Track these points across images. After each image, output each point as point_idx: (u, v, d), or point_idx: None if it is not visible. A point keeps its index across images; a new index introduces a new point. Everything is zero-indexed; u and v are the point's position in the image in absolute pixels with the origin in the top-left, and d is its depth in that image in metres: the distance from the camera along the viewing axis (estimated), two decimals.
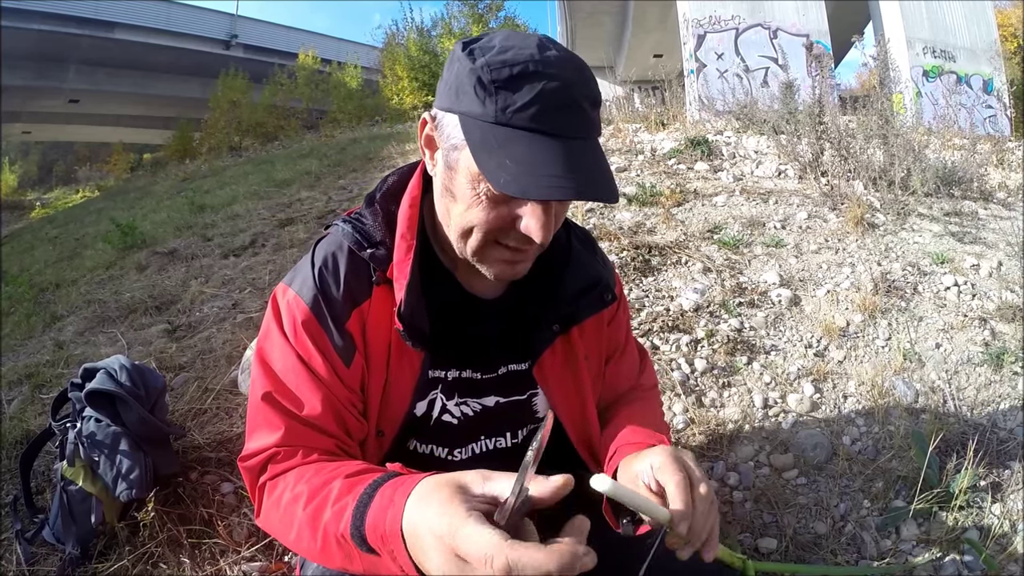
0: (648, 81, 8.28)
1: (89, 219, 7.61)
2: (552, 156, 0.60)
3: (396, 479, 0.59)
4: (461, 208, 0.68)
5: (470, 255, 0.71)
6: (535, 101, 0.60)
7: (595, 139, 0.66)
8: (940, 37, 9.24)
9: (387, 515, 0.54)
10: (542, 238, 0.65)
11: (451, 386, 0.83)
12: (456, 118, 0.65)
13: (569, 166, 0.60)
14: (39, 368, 2.42)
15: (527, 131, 0.61)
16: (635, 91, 9.61)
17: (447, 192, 0.70)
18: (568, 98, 0.62)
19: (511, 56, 0.61)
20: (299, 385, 0.73)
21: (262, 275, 3.23)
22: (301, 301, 0.75)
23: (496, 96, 0.61)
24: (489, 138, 0.62)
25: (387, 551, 0.54)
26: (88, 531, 1.37)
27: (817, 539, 1.42)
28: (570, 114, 0.62)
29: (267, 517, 0.71)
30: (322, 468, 0.67)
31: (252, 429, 0.74)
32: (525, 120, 0.61)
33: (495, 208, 0.66)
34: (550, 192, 0.60)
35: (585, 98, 0.64)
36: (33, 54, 16.57)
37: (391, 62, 14.50)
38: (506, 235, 0.68)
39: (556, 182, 0.59)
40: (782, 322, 2.21)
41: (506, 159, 0.60)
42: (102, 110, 21.98)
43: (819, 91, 4.23)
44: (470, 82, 0.62)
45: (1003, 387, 1.87)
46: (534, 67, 0.61)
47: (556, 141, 0.61)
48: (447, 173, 0.69)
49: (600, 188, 0.63)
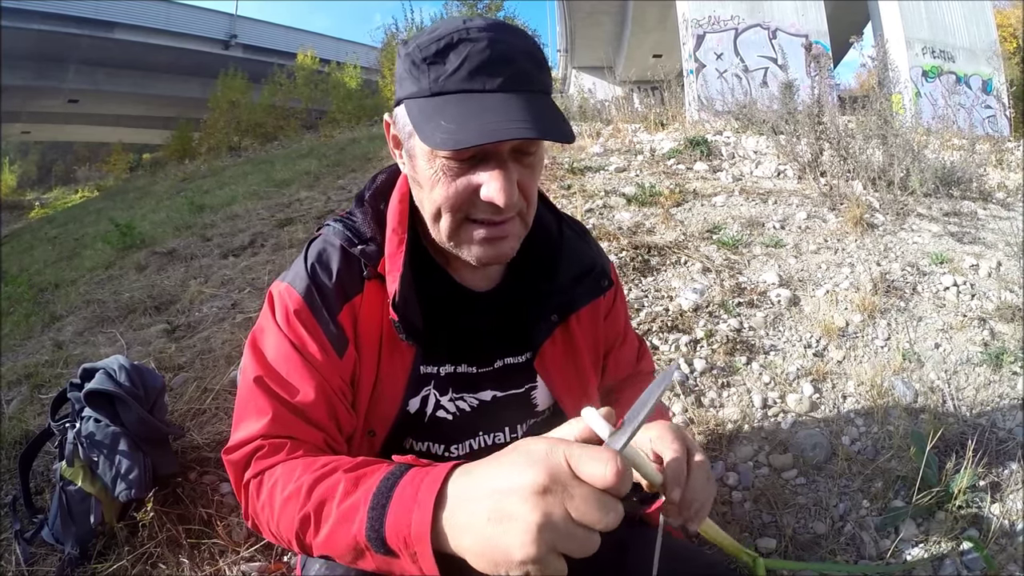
0: (647, 81, 8.29)
1: (88, 219, 7.61)
2: (488, 106, 0.61)
3: (413, 474, 0.55)
4: (427, 191, 0.69)
5: (447, 239, 0.71)
6: (463, 64, 0.62)
7: (538, 93, 0.66)
8: (939, 37, 9.24)
9: (412, 516, 0.50)
10: (504, 200, 0.64)
11: (444, 381, 0.83)
12: (403, 107, 0.68)
13: (509, 114, 0.61)
14: (38, 368, 2.42)
15: (459, 92, 0.63)
16: (634, 91, 9.62)
17: (415, 183, 0.72)
18: (496, 55, 0.63)
19: (437, 33, 0.64)
20: (291, 371, 0.72)
21: (261, 275, 3.22)
22: (294, 291, 0.75)
23: (428, 70, 0.64)
24: (426, 109, 0.64)
25: (408, 553, 0.51)
26: (87, 531, 1.37)
27: (816, 539, 1.42)
28: (502, 68, 0.63)
29: (258, 517, 0.69)
30: (312, 463, 0.65)
31: (240, 417, 0.73)
32: (456, 83, 0.63)
33: (453, 181, 0.66)
34: (485, 135, 0.60)
35: (519, 53, 0.64)
36: (33, 54, 16.55)
37: (390, 62, 14.48)
38: (473, 207, 0.68)
39: (493, 126, 0.60)
40: (781, 322, 2.22)
41: (442, 120, 0.62)
42: (102, 110, 21.96)
43: (818, 91, 4.24)
44: (405, 67, 0.66)
45: (1002, 387, 1.87)
46: (459, 36, 0.63)
47: (491, 95, 0.62)
48: (410, 164, 0.71)
49: (544, 127, 0.62)
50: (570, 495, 0.44)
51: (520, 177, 0.68)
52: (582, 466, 0.45)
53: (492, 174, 0.65)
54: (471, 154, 0.65)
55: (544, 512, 0.44)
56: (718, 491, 1.58)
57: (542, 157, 0.72)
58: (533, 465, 0.45)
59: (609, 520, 0.44)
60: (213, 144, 14.28)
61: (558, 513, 0.44)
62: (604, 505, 0.44)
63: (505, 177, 0.65)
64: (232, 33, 19.87)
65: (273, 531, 0.67)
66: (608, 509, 0.44)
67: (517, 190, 0.67)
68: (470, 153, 0.64)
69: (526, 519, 0.44)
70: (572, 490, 0.44)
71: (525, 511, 0.44)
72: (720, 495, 1.58)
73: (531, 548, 0.43)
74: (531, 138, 0.62)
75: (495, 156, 0.65)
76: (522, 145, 0.66)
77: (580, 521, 0.44)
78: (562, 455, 0.45)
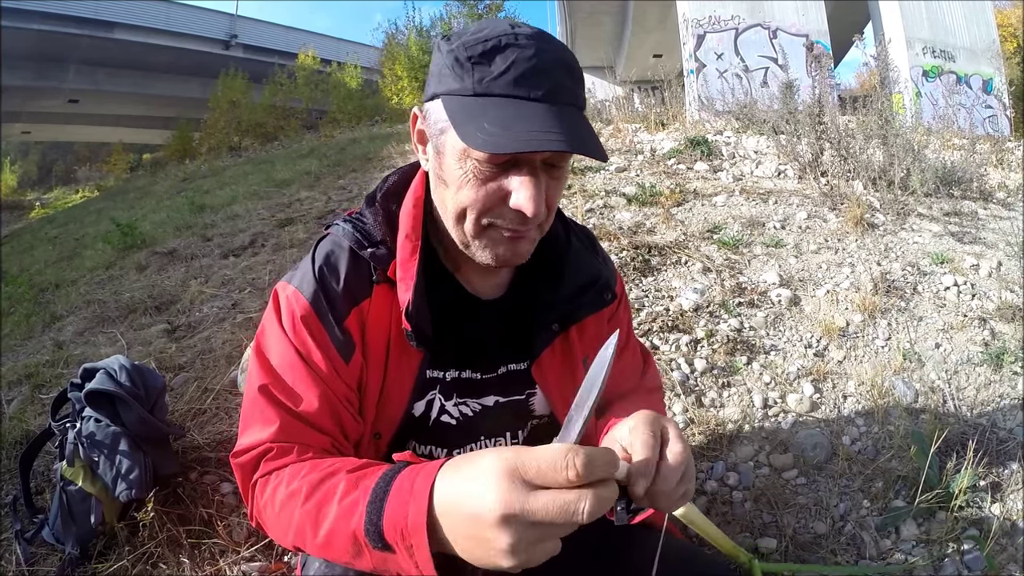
0: (648, 81, 8.27)
1: (89, 219, 7.61)
2: (530, 114, 0.61)
3: (410, 469, 0.56)
4: (452, 191, 0.68)
5: (469, 240, 0.71)
6: (510, 69, 0.62)
7: (577, 108, 0.66)
8: (940, 37, 9.24)
9: (408, 508, 0.52)
10: (533, 209, 0.64)
11: (450, 386, 0.82)
12: (439, 102, 0.67)
13: (548, 124, 0.61)
14: (39, 368, 2.42)
15: (504, 97, 0.62)
16: (635, 91, 9.61)
17: (439, 180, 0.71)
18: (543, 64, 0.63)
19: (484, 34, 0.64)
20: (296, 380, 0.72)
21: (262, 275, 3.22)
22: (301, 296, 0.75)
23: (473, 70, 0.63)
24: (468, 108, 0.63)
25: (405, 546, 0.52)
26: (88, 531, 1.37)
27: (817, 539, 1.42)
28: (546, 79, 0.63)
29: (262, 516, 0.70)
30: (318, 464, 0.66)
31: (246, 423, 0.73)
32: (501, 87, 0.62)
33: (484, 185, 0.66)
34: (527, 144, 0.60)
35: (561, 66, 0.65)
36: (33, 54, 16.55)
37: (391, 62, 14.50)
38: (499, 214, 0.68)
39: (535, 136, 0.60)
40: (782, 322, 2.21)
41: (484, 123, 0.61)
42: (102, 110, 21.96)
43: (819, 91, 4.24)
44: (448, 63, 0.65)
45: (1003, 387, 1.87)
46: (506, 40, 0.63)
47: (534, 103, 0.62)
48: (437, 160, 0.70)
49: (585, 144, 0.62)
50: (532, 510, 0.45)
51: (547, 188, 0.68)
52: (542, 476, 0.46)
53: (523, 182, 0.64)
54: (505, 159, 0.65)
55: (511, 535, 0.45)
56: (718, 491, 1.58)
57: (568, 171, 0.72)
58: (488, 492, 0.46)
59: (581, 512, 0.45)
60: (213, 144, 14.29)
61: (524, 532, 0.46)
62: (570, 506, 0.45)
63: (536, 186, 0.65)
64: (232, 33, 19.87)
65: (275, 529, 0.68)
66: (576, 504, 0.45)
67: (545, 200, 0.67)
68: (505, 159, 0.64)
69: (497, 544, 0.46)
70: (532, 504, 0.45)
71: (494, 536, 0.46)
72: (720, 495, 1.58)
73: (512, 561, 0.46)
74: (571, 152, 0.62)
75: (528, 164, 0.65)
76: (554, 157, 0.66)
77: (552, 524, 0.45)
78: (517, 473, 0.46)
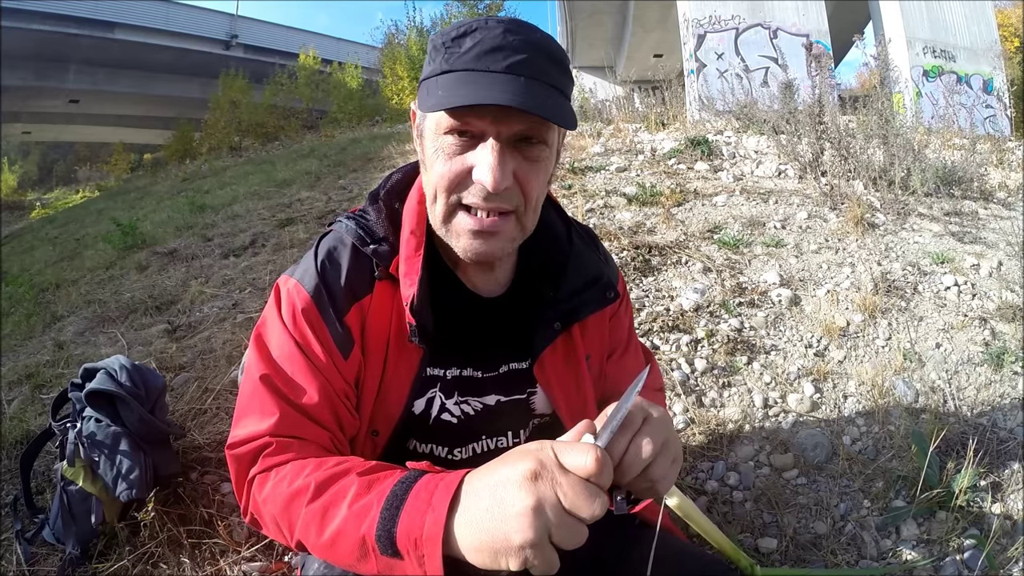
0: (648, 81, 8.27)
1: (89, 219, 7.61)
2: (484, 81, 0.63)
3: (429, 478, 0.56)
4: (427, 172, 0.70)
5: (440, 224, 0.72)
6: (475, 47, 0.64)
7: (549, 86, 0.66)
8: (940, 37, 9.24)
9: (426, 518, 0.52)
10: (492, 182, 0.64)
11: (451, 385, 0.82)
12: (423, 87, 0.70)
13: (503, 89, 0.62)
14: (39, 368, 2.42)
15: (466, 70, 0.64)
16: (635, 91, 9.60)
17: (423, 166, 0.73)
18: (506, 42, 0.64)
19: (461, 22, 0.67)
20: (296, 372, 0.72)
21: (262, 275, 3.23)
22: (302, 289, 0.75)
23: (445, 52, 0.66)
24: (432, 84, 0.67)
25: (416, 556, 0.53)
26: (88, 531, 1.37)
27: (817, 539, 1.42)
28: (510, 54, 0.64)
29: (259, 511, 0.69)
30: (324, 462, 0.65)
31: (243, 413, 0.72)
32: (464, 62, 0.65)
33: (450, 160, 0.67)
34: (467, 98, 0.61)
35: (531, 46, 0.65)
36: (33, 54, 16.56)
37: (391, 62, 14.48)
38: (464, 188, 0.68)
39: (483, 94, 0.61)
40: (782, 322, 2.21)
41: (439, 90, 0.64)
42: (102, 110, 21.96)
43: (819, 91, 4.24)
44: (429, 51, 0.69)
45: (1003, 387, 1.87)
46: (477, 24, 0.65)
47: (493, 75, 0.63)
48: (420, 145, 0.72)
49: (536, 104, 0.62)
50: (559, 482, 0.49)
51: (519, 169, 0.67)
52: (567, 457, 0.50)
53: (485, 153, 0.65)
54: (471, 134, 0.66)
55: (536, 496, 0.48)
56: (719, 491, 1.58)
57: (549, 156, 0.71)
58: (524, 457, 0.51)
59: (595, 508, 0.48)
60: (214, 144, 14.28)
61: (549, 497, 0.48)
62: (590, 493, 0.49)
63: (497, 159, 0.65)
64: (233, 33, 19.87)
65: (274, 526, 0.67)
66: (593, 496, 0.49)
67: (511, 178, 0.66)
68: (467, 128, 0.65)
69: (521, 504, 0.48)
70: (560, 478, 0.49)
71: (520, 497, 0.48)
72: (721, 495, 1.58)
73: (528, 532, 0.47)
74: (516, 108, 0.61)
75: (495, 140, 0.65)
76: (527, 131, 0.66)
77: (569, 509, 0.48)
78: (550, 448, 0.51)
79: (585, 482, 0.49)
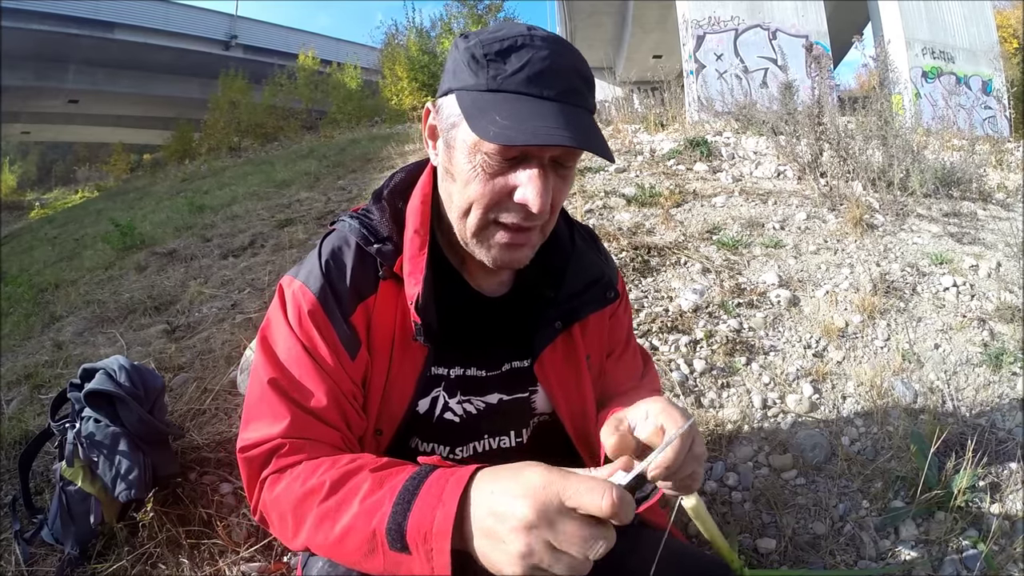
0: (647, 82, 8.29)
1: (88, 219, 7.61)
2: (542, 111, 0.63)
3: (440, 472, 0.57)
4: (460, 186, 0.69)
5: (470, 236, 0.71)
6: (524, 67, 0.63)
7: (587, 111, 0.67)
8: (939, 38, 9.24)
9: (436, 513, 0.53)
10: (539, 205, 0.65)
11: (454, 384, 0.83)
12: (453, 97, 0.68)
13: (560, 122, 0.62)
14: (38, 368, 2.42)
15: (517, 94, 0.64)
16: (634, 92, 9.62)
17: (447, 174, 0.72)
18: (556, 65, 0.64)
19: (502, 34, 0.65)
20: (303, 375, 0.72)
21: (261, 276, 3.22)
22: (308, 291, 0.75)
23: (488, 67, 0.65)
24: (482, 102, 0.64)
25: (425, 550, 0.53)
26: (87, 531, 1.37)
27: (816, 539, 1.42)
28: (559, 80, 0.64)
29: (269, 512, 0.69)
30: (336, 461, 0.65)
31: (253, 417, 0.72)
32: (515, 84, 0.64)
33: (491, 180, 0.67)
34: (538, 137, 0.61)
35: (574, 71, 0.66)
36: (33, 54, 16.55)
37: (391, 62, 14.50)
38: (504, 209, 0.68)
39: (544, 131, 0.61)
40: (781, 323, 2.22)
41: (496, 116, 0.62)
42: (102, 110, 21.96)
43: (818, 92, 4.24)
44: (464, 59, 0.67)
45: (1002, 387, 1.87)
46: (522, 40, 0.64)
47: (545, 102, 0.63)
48: (447, 154, 0.71)
49: (592, 141, 0.64)
50: (555, 530, 0.48)
51: (554, 187, 0.68)
52: (578, 499, 0.48)
53: (532, 176, 0.65)
54: (515, 155, 0.65)
55: (526, 544, 0.48)
56: (718, 491, 1.59)
57: (574, 173, 0.73)
58: (525, 498, 0.49)
59: (596, 551, 0.48)
60: (213, 144, 14.30)
61: (539, 547, 0.48)
62: (591, 536, 0.47)
63: (543, 182, 0.65)
64: (232, 34, 19.88)
65: (283, 526, 0.67)
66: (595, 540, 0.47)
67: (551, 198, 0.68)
68: (514, 154, 0.65)
69: (510, 549, 0.48)
70: (559, 525, 0.48)
71: (511, 540, 0.48)
72: (720, 495, 1.58)
73: (516, 569, 0.48)
74: (581, 148, 0.63)
75: (537, 160, 0.66)
76: (563, 156, 0.67)
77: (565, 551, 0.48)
78: (556, 491, 0.49)
79: (590, 525, 0.48)
